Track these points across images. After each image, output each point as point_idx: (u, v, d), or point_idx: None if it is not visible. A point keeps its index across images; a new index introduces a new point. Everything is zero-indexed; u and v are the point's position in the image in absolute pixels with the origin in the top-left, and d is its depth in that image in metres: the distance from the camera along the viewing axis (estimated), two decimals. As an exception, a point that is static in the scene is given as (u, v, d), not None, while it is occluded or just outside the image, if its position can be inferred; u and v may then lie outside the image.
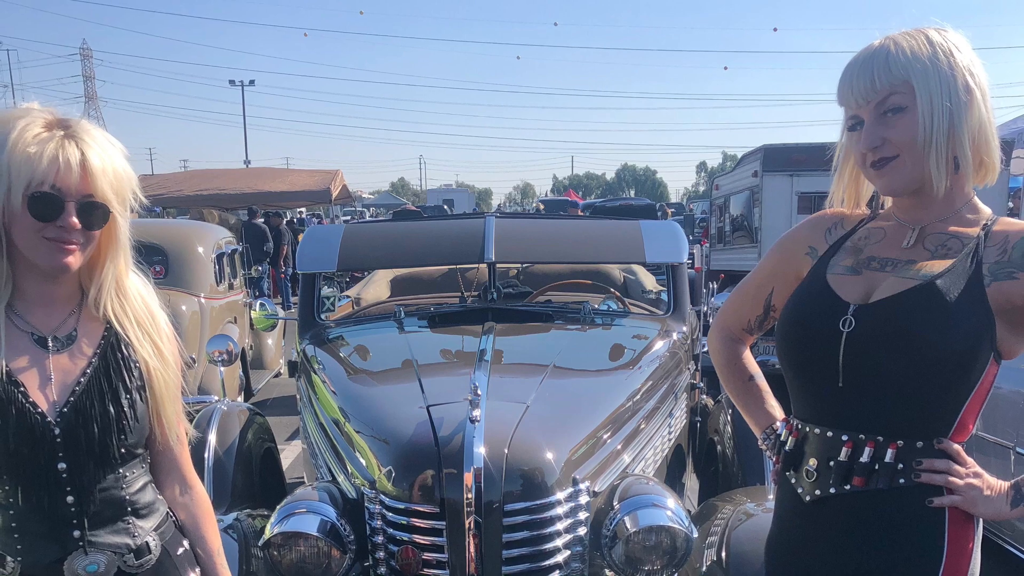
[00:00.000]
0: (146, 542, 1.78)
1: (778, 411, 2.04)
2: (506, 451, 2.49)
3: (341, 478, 2.92)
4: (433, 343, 3.94)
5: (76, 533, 1.70)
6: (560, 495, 2.54)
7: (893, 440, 1.66)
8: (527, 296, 4.62)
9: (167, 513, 1.87)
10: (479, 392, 2.55)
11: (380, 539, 2.57)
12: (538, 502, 2.51)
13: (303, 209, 27.78)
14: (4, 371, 1.66)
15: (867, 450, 1.67)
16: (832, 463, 1.71)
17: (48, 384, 1.70)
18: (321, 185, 17.05)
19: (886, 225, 1.80)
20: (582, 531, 2.58)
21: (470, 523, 2.42)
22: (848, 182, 1.85)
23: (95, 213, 1.68)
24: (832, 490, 1.72)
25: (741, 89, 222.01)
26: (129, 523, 1.77)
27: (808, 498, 1.76)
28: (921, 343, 1.61)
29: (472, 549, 2.43)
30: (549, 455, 2.57)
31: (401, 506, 2.53)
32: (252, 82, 58.25)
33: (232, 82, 58.17)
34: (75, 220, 1.65)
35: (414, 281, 5.38)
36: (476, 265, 4.85)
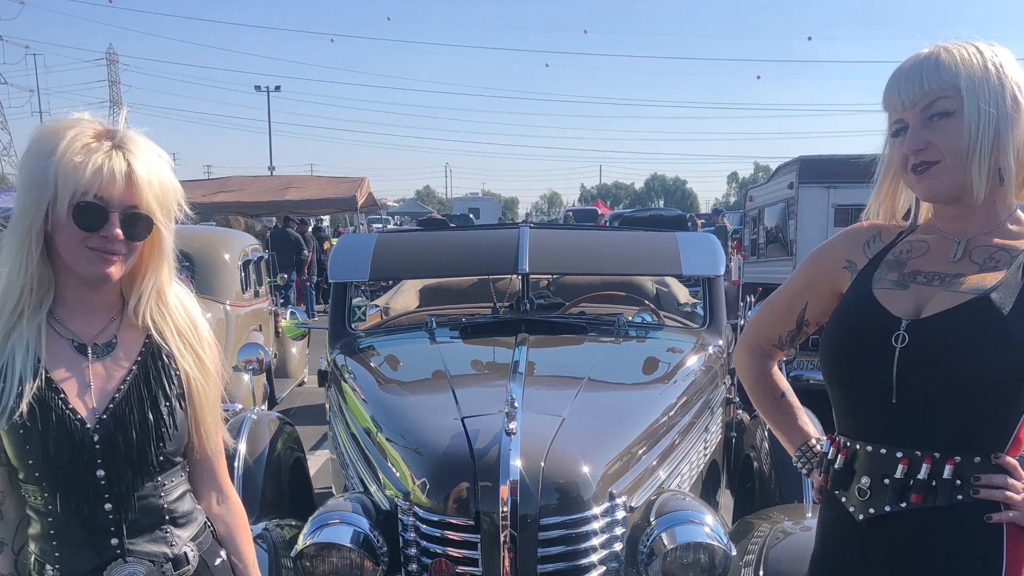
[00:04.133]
0: (184, 552, 1.77)
1: (811, 428, 2.02)
2: (542, 464, 2.48)
3: (374, 489, 2.93)
4: (465, 354, 3.94)
5: (114, 541, 1.70)
6: (596, 510, 2.53)
7: (951, 456, 1.63)
8: (560, 307, 4.61)
9: (205, 523, 1.86)
10: (516, 404, 2.54)
11: (413, 551, 2.57)
12: (574, 516, 2.50)
13: (325, 217, 27.84)
14: (44, 378, 1.66)
15: (924, 467, 1.64)
16: (887, 481, 1.68)
17: (88, 391, 1.70)
18: (347, 193, 17.02)
19: (928, 238, 1.78)
20: (618, 547, 2.57)
21: (505, 537, 2.41)
22: (885, 195, 1.85)
23: (139, 224, 1.69)
24: (887, 508, 1.69)
25: (774, 99, 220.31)
26: (167, 532, 1.76)
27: (861, 517, 1.73)
28: (978, 359, 1.59)
29: (507, 563, 2.42)
30: (585, 469, 2.56)
31: (435, 518, 2.53)
32: (278, 88, 58.70)
33: (258, 87, 58.72)
34: (118, 231, 1.66)
35: (443, 291, 5.39)
36: (507, 276, 4.84)
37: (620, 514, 2.58)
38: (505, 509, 2.39)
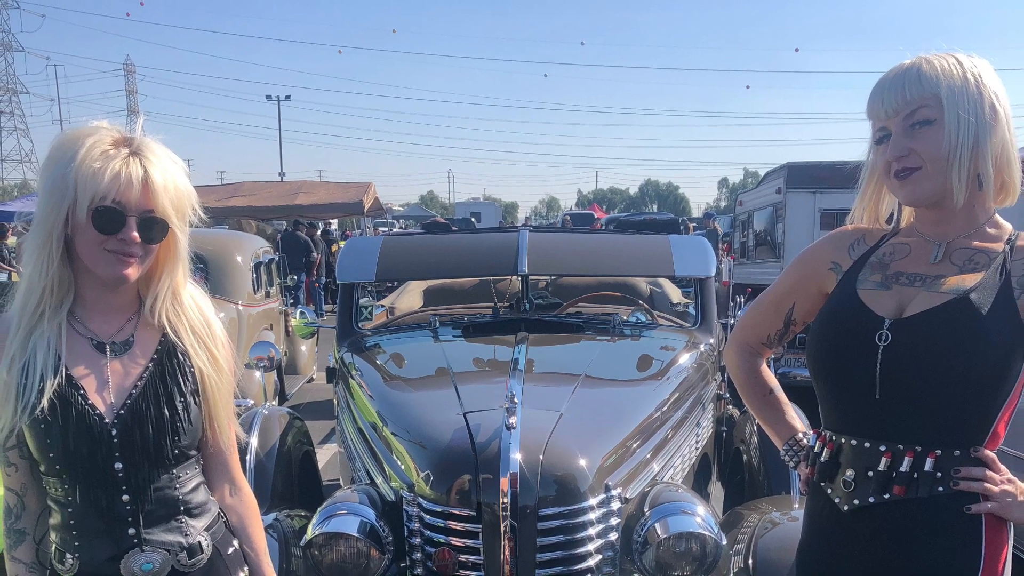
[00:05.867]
0: (198, 541, 1.83)
1: (798, 423, 2.08)
2: (541, 457, 2.55)
3: (379, 481, 2.99)
4: (467, 352, 4.01)
5: (131, 531, 1.76)
6: (593, 501, 2.59)
7: (932, 449, 1.69)
8: (558, 307, 4.68)
9: (219, 513, 1.91)
10: (515, 400, 2.61)
11: (417, 540, 2.63)
12: (571, 507, 2.56)
13: (333, 221, 27.86)
14: (64, 375, 1.72)
15: (906, 459, 1.70)
16: (871, 473, 1.74)
17: (106, 387, 1.76)
18: (354, 197, 17.05)
19: (910, 241, 1.84)
20: (613, 536, 2.63)
21: (505, 527, 2.48)
22: (869, 200, 1.90)
23: (155, 227, 1.74)
24: (871, 499, 1.74)
25: (762, 107, 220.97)
26: (182, 522, 1.82)
27: (846, 507, 1.79)
28: (958, 357, 1.65)
29: (507, 552, 2.49)
30: (582, 462, 2.63)
31: (438, 509, 2.59)
32: (288, 97, 58.99)
33: (269, 97, 59.19)
34: (135, 234, 1.71)
35: (446, 291, 5.46)
36: (507, 277, 4.92)
37: (615, 505, 2.64)
38: (505, 500, 2.46)
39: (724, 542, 2.61)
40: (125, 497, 1.75)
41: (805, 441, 2.02)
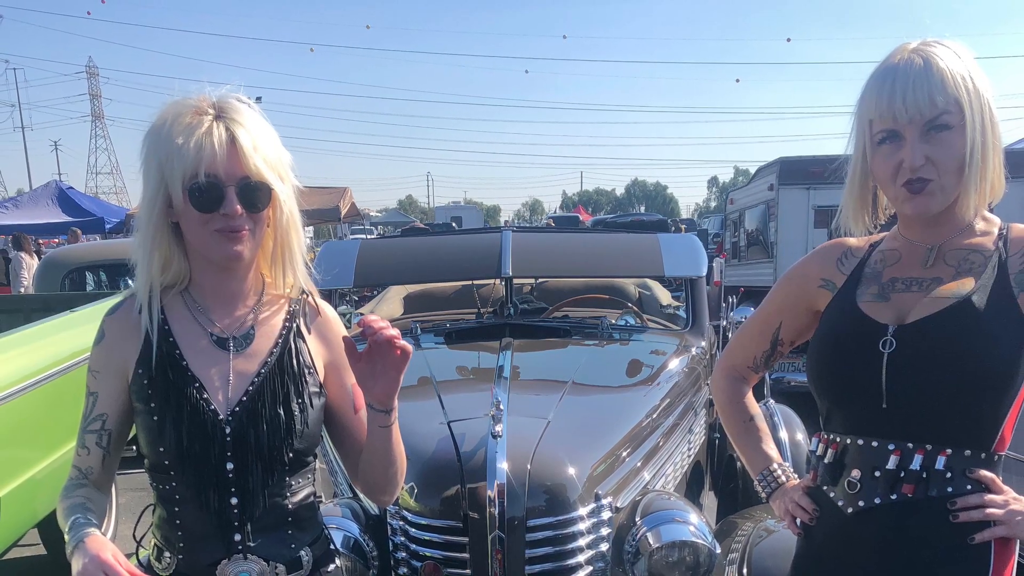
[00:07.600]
0: (300, 555, 1.74)
1: (775, 453, 2.03)
2: (528, 466, 2.50)
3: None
4: (450, 359, 3.94)
5: (237, 537, 1.67)
6: (583, 511, 2.55)
7: (943, 448, 1.65)
8: (543, 312, 4.63)
9: (323, 530, 1.83)
10: (501, 407, 2.55)
11: (403, 555, 2.58)
12: (561, 518, 2.51)
13: (309, 229, 27.81)
14: (182, 367, 1.66)
15: (917, 457, 1.65)
16: (878, 473, 1.69)
17: (223, 382, 1.68)
18: (330, 203, 17.00)
19: (898, 246, 1.79)
20: (604, 547, 2.58)
21: (493, 538, 2.43)
22: (864, 203, 1.81)
23: (257, 194, 1.63)
24: (877, 500, 1.69)
25: (753, 102, 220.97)
26: (288, 533, 1.73)
27: (850, 510, 1.73)
28: (967, 359, 1.61)
29: (495, 565, 2.43)
30: (571, 471, 2.58)
31: (424, 522, 2.54)
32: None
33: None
34: (238, 206, 1.61)
35: (427, 297, 5.39)
36: (490, 281, 4.86)
37: (606, 515, 2.60)
38: (492, 511, 2.41)
39: (718, 551, 2.57)
40: (234, 500, 1.66)
41: (779, 472, 1.97)
